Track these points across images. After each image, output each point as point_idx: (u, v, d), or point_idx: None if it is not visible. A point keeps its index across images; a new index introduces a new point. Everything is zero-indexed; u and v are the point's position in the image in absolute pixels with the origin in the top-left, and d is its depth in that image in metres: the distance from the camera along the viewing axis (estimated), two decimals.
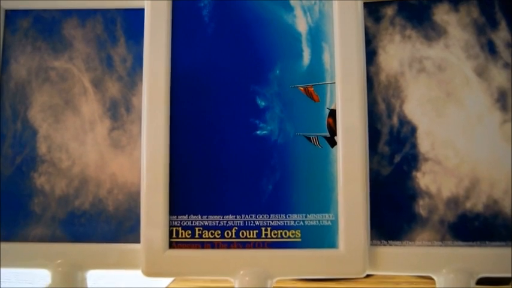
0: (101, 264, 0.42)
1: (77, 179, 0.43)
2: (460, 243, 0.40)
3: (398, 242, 0.40)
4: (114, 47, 0.44)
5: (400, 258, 0.40)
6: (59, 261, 0.41)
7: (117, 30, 0.44)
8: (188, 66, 0.42)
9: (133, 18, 0.44)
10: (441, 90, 0.42)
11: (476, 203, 0.40)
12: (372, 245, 0.40)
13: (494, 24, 0.42)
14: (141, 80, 0.42)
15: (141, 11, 0.43)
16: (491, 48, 0.42)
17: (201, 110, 0.41)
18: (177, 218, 0.40)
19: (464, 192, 0.40)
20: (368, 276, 0.40)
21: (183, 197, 0.40)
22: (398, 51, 0.43)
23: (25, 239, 0.42)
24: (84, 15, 0.44)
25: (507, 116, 0.41)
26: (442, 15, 0.43)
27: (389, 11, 0.43)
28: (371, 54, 0.42)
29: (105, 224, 0.42)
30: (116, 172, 0.43)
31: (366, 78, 0.41)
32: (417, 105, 0.42)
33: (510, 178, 0.40)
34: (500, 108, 0.41)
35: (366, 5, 0.43)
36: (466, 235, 0.40)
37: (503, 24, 0.42)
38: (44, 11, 0.45)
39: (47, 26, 0.44)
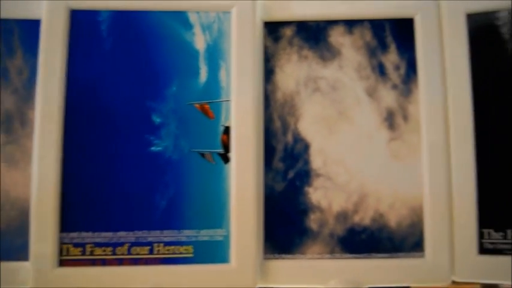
0: None
1: None
2: (348, 255, 0.42)
3: (290, 255, 0.42)
4: (10, 58, 0.43)
5: (291, 271, 0.41)
6: None
7: (14, 41, 0.43)
8: (84, 80, 0.41)
9: (31, 30, 0.43)
10: (334, 109, 0.44)
11: (364, 217, 0.42)
12: (265, 258, 0.41)
13: (384, 47, 0.44)
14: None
15: (38, 23, 0.42)
16: (381, 70, 0.44)
17: (95, 125, 0.41)
18: (68, 235, 0.40)
19: (352, 207, 0.42)
20: None
21: (75, 213, 0.40)
22: (295, 70, 0.44)
23: None
24: None
25: (394, 135, 0.43)
26: (337, 37, 0.45)
27: (288, 31, 0.45)
28: (269, 73, 0.44)
29: None
30: (9, 188, 0.41)
31: (262, 96, 0.43)
32: (311, 123, 0.43)
33: (395, 193, 0.42)
34: (388, 127, 0.43)
35: (266, 24, 0.44)
36: (353, 248, 0.42)
37: (392, 47, 0.44)
38: None
39: None
